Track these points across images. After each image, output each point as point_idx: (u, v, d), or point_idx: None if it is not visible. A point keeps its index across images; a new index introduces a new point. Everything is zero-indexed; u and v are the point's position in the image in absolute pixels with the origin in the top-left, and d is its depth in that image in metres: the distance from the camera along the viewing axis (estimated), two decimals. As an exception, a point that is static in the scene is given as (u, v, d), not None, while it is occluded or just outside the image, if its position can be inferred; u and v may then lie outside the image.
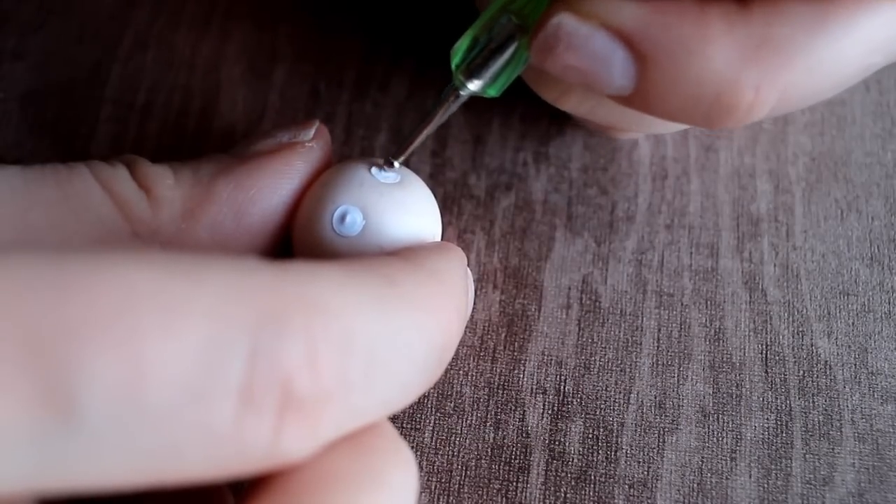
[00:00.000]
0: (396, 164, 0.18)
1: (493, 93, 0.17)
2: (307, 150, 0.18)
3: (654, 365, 0.20)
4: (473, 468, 0.19)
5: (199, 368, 0.11)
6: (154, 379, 0.11)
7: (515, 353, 0.20)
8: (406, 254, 0.16)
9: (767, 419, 0.19)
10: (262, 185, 0.17)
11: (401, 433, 0.19)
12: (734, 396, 0.19)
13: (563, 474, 0.19)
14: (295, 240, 0.18)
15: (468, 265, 0.18)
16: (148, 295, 0.11)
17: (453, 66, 0.17)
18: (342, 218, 0.17)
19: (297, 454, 0.12)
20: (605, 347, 0.20)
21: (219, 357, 0.11)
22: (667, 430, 0.19)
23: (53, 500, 0.12)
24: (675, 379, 0.20)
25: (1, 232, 0.15)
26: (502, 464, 0.19)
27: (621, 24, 0.14)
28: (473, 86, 0.17)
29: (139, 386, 0.11)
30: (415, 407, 0.19)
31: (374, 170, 0.18)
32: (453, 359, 0.20)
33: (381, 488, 0.13)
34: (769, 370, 0.20)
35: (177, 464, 0.11)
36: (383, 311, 0.13)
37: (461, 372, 0.20)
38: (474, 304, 0.20)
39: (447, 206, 0.21)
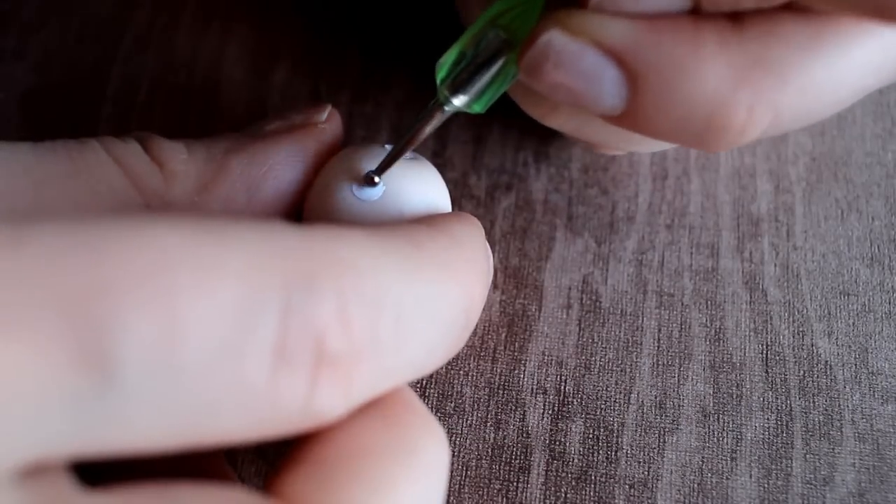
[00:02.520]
0: (377, 179, 0.17)
1: (478, 109, 0.17)
2: (319, 131, 0.18)
3: (655, 365, 0.20)
4: (474, 468, 0.19)
5: (233, 326, 0.11)
6: (189, 336, 0.11)
7: (516, 353, 0.20)
8: (428, 220, 0.16)
9: (768, 419, 0.19)
10: (275, 162, 0.18)
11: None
12: (734, 396, 0.19)
13: (564, 474, 0.19)
14: (309, 213, 0.18)
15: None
16: (181, 254, 0.11)
17: (438, 81, 0.17)
18: (366, 182, 0.17)
19: (330, 413, 0.12)
20: (605, 347, 0.20)
21: (252, 315, 0.11)
22: (667, 430, 0.19)
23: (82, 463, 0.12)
24: (676, 379, 0.20)
25: (15, 206, 0.15)
26: (503, 464, 0.19)
27: (613, 41, 0.14)
28: (458, 101, 0.16)
29: (175, 344, 0.11)
30: (415, 407, 0.19)
31: (388, 147, 0.18)
32: (453, 359, 0.20)
33: (414, 461, 0.13)
34: (769, 370, 0.20)
35: (213, 423, 0.11)
36: (410, 272, 0.13)
37: (461, 372, 0.20)
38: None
39: (447, 206, 0.21)
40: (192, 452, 0.12)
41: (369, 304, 0.12)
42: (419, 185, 0.17)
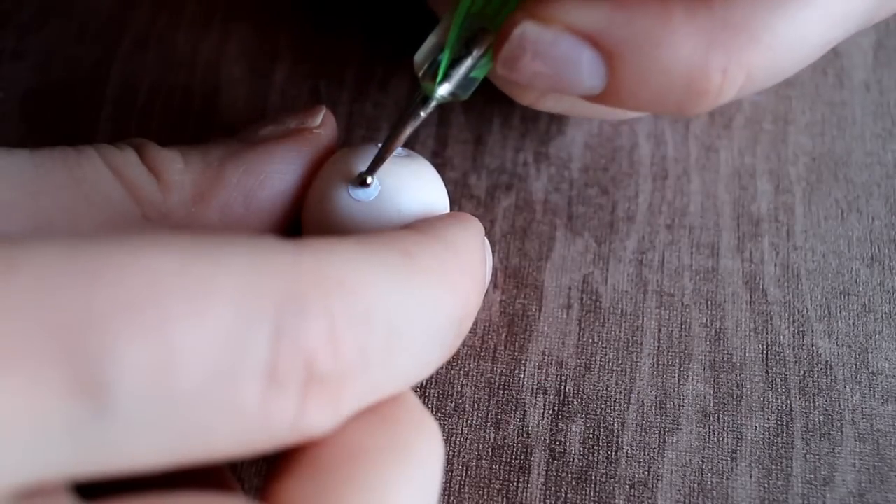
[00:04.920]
0: (369, 179, 0.17)
1: (463, 97, 0.17)
2: (315, 136, 0.18)
3: (655, 365, 0.20)
4: (474, 468, 0.19)
5: (225, 351, 0.11)
6: (183, 363, 0.11)
7: (516, 353, 0.20)
8: (421, 226, 0.16)
9: (768, 419, 0.19)
10: (272, 169, 0.18)
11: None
12: (735, 396, 0.19)
13: (564, 474, 0.19)
14: (307, 217, 0.18)
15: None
16: (173, 280, 0.11)
17: (419, 75, 0.17)
18: (359, 183, 0.17)
19: (319, 429, 0.12)
20: (605, 347, 0.20)
21: (244, 339, 0.11)
22: (667, 430, 0.19)
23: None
24: (676, 379, 0.19)
25: (13, 217, 0.15)
26: (503, 464, 0.19)
27: (585, 24, 0.15)
28: (442, 91, 0.16)
29: (169, 371, 0.11)
30: (415, 407, 0.19)
31: (381, 145, 0.18)
32: (454, 358, 0.20)
33: (408, 459, 0.13)
34: (770, 370, 0.20)
35: (205, 444, 0.11)
36: (400, 285, 0.13)
37: (462, 372, 0.20)
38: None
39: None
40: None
41: (359, 323, 0.12)
42: (415, 183, 0.17)
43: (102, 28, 0.24)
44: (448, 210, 0.18)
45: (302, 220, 0.18)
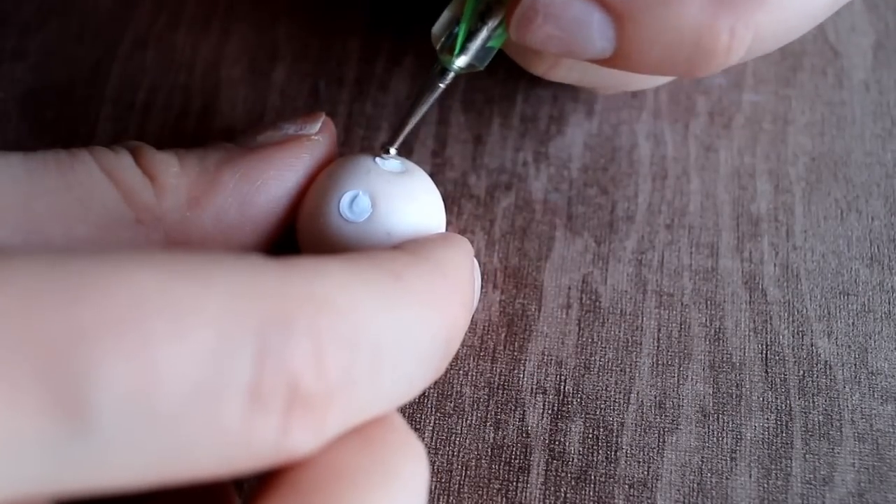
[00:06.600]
0: (393, 150, 0.18)
1: (480, 67, 0.18)
2: (313, 143, 0.18)
3: (654, 365, 0.20)
4: (473, 468, 0.19)
5: (208, 370, 0.11)
6: (165, 382, 0.11)
7: (515, 353, 0.20)
8: (411, 247, 0.16)
9: (767, 419, 0.19)
10: (268, 176, 0.18)
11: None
12: (734, 396, 0.19)
13: (563, 474, 0.19)
14: (300, 229, 0.18)
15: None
16: (157, 298, 0.11)
17: (437, 48, 0.17)
18: (350, 203, 0.17)
19: (303, 450, 0.12)
20: (605, 347, 0.20)
21: (228, 358, 0.11)
22: (667, 430, 0.19)
23: (69, 500, 0.12)
24: (675, 379, 0.19)
25: (4, 222, 0.15)
26: (502, 464, 0.19)
27: None
28: (460, 62, 0.17)
29: (151, 390, 0.11)
30: (415, 407, 0.19)
31: (379, 160, 0.18)
32: (453, 358, 0.20)
33: (392, 481, 0.13)
34: (769, 370, 0.20)
35: (186, 463, 0.11)
36: (388, 306, 0.13)
37: (461, 372, 0.20)
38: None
39: (447, 206, 0.21)
40: None
41: (345, 344, 0.12)
42: (409, 206, 0.17)
43: (102, 28, 0.24)
44: (443, 229, 0.18)
45: (296, 230, 0.18)
